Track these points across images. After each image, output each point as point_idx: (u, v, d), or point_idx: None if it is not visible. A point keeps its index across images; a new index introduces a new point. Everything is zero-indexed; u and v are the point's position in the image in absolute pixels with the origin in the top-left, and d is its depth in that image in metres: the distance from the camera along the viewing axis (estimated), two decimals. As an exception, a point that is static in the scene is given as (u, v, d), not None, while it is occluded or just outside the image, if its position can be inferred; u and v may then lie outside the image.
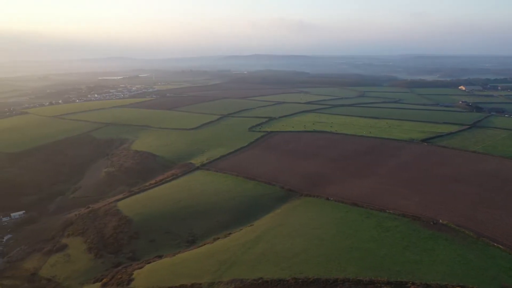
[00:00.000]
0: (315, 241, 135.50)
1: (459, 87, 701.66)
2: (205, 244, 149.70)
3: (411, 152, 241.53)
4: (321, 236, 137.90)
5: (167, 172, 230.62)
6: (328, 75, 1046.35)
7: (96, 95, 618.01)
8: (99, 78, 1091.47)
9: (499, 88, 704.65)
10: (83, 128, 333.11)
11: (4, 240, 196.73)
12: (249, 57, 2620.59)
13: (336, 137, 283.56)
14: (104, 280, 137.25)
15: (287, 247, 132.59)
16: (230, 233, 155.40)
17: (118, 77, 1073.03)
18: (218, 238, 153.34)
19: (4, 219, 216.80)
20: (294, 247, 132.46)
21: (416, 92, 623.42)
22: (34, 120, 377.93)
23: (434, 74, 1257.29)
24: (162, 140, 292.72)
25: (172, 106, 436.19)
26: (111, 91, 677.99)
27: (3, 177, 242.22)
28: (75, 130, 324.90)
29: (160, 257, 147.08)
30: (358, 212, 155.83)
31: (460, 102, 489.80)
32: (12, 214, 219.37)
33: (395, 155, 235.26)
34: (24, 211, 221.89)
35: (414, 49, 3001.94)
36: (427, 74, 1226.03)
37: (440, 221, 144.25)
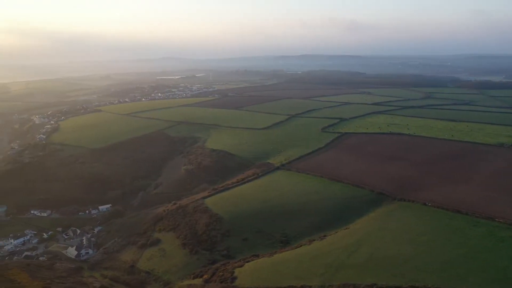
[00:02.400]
0: (423, 247, 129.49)
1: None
2: (301, 246, 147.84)
3: (504, 157, 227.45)
4: (429, 243, 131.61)
5: (247, 171, 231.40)
6: (385, 76, 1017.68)
7: (159, 94, 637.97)
8: (157, 77, 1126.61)
9: None
10: (157, 126, 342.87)
11: (96, 231, 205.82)
12: (299, 57, 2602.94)
13: (416, 140, 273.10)
14: (205, 276, 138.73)
15: (394, 253, 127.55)
16: (325, 235, 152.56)
17: (176, 77, 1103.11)
18: (314, 240, 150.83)
19: (93, 211, 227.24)
20: (402, 253, 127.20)
21: (487, 94, 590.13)
22: (109, 118, 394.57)
23: (498, 75, 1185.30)
24: (235, 139, 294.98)
25: (237, 106, 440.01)
26: (172, 90, 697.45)
27: (90, 172, 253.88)
28: (149, 128, 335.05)
29: (256, 256, 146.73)
30: (463, 219, 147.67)
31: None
32: (100, 207, 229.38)
33: (486, 160, 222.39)
34: (110, 205, 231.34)
35: (472, 48, 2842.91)
36: (491, 75, 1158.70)
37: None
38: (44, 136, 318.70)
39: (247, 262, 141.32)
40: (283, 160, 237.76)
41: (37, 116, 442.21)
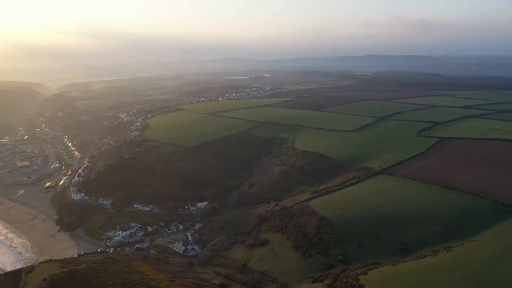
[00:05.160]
0: None
1: None
2: (425, 256, 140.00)
3: None
4: None
5: (345, 175, 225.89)
6: (463, 77, 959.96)
7: (233, 94, 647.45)
8: (226, 78, 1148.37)
9: None
10: (242, 126, 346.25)
11: (196, 227, 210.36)
12: (365, 57, 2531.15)
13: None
14: (326, 281, 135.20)
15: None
16: (450, 247, 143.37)
17: (245, 77, 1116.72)
18: (438, 251, 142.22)
19: (192, 208, 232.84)
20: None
21: None
22: (193, 117, 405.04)
23: None
24: (324, 141, 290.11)
25: (317, 107, 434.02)
26: (245, 90, 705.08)
27: (186, 169, 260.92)
28: (236, 128, 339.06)
29: (377, 264, 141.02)
30: None
31: None
32: (198, 204, 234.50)
33: None
34: (207, 202, 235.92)
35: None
36: None
37: None
38: (138, 133, 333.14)
39: (370, 269, 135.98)
40: (383, 164, 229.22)
41: (124, 114, 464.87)
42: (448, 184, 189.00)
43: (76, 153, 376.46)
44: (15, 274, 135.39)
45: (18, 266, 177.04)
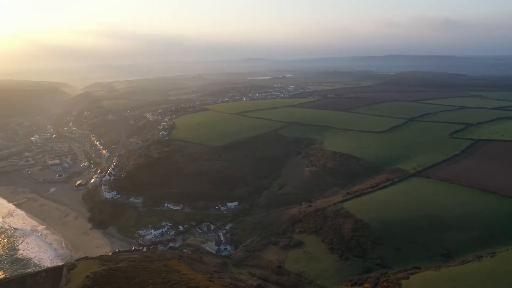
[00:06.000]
0: None
1: None
2: (468, 262, 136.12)
3: None
4: None
5: (377, 176, 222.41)
6: (492, 78, 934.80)
7: (257, 94, 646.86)
8: (247, 78, 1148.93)
9: None
10: (269, 126, 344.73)
11: (227, 228, 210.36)
12: (386, 57, 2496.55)
13: None
14: (366, 285, 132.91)
15: None
16: (494, 252, 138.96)
17: (266, 77, 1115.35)
18: (482, 257, 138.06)
19: (222, 208, 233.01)
20: None
21: None
22: (218, 117, 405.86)
23: None
24: (354, 142, 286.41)
25: (343, 108, 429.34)
26: (268, 90, 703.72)
27: (215, 169, 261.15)
28: (263, 128, 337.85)
29: (418, 268, 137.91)
30: None
31: None
32: (228, 204, 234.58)
33: None
34: (237, 202, 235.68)
35: None
36: None
37: None
38: (166, 133, 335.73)
39: (412, 274, 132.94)
40: (416, 166, 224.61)
41: (150, 113, 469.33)
42: (487, 187, 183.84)
43: (104, 151, 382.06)
44: (56, 271, 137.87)
45: (56, 262, 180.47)
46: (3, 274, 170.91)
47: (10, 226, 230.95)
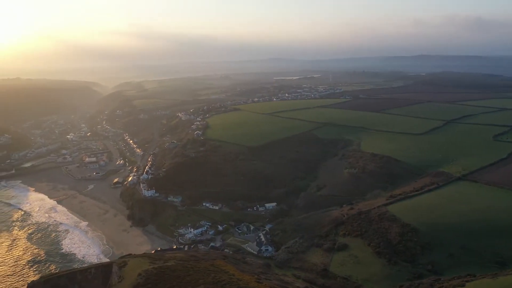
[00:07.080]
0: None
1: None
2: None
3: None
4: None
5: (420, 179, 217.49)
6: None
7: (286, 95, 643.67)
8: (274, 78, 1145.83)
9: None
10: (303, 127, 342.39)
11: (267, 228, 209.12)
12: (415, 57, 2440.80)
13: None
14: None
15: None
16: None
17: (294, 78, 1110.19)
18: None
19: (260, 208, 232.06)
20: None
21: None
22: (251, 117, 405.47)
23: None
24: (392, 144, 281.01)
25: (377, 108, 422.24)
26: (298, 90, 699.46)
27: (252, 169, 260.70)
28: (297, 129, 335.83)
29: (473, 276, 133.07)
30: None
31: None
32: (266, 205, 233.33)
33: None
34: (275, 203, 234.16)
35: None
36: None
37: None
38: (201, 132, 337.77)
39: (467, 281, 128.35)
40: (461, 169, 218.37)
41: (182, 113, 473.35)
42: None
43: (138, 150, 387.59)
44: (106, 267, 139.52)
45: (101, 258, 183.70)
46: (53, 269, 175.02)
47: (55, 220, 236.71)
